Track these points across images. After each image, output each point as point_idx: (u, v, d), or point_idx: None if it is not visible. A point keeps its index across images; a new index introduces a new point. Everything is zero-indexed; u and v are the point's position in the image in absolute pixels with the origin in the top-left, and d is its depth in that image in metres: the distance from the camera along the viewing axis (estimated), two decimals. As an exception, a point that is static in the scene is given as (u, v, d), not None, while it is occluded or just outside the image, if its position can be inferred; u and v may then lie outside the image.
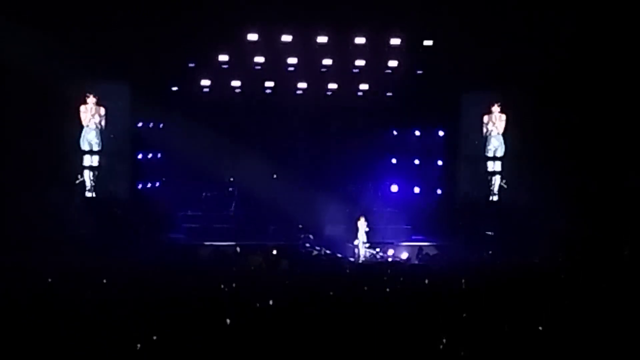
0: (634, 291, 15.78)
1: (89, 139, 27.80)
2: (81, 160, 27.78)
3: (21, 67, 25.27)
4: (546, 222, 26.73)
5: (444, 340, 11.65)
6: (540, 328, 12.48)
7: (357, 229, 27.39)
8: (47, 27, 25.24)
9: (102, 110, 27.77)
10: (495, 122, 29.22)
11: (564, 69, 26.46)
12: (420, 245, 27.40)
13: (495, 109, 29.08)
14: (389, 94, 30.16)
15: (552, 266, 21.07)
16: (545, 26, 26.04)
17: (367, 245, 27.17)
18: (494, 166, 29.51)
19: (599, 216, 26.22)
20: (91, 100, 27.61)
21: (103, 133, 27.81)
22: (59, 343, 11.11)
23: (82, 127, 27.73)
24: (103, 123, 27.79)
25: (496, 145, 29.32)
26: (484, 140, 29.45)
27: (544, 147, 28.50)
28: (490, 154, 29.44)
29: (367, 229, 27.26)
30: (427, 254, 26.31)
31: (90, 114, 27.70)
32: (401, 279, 19.08)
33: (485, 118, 29.33)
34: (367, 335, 11.90)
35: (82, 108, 27.63)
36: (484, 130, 29.34)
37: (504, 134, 29.21)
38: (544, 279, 18.15)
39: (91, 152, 27.84)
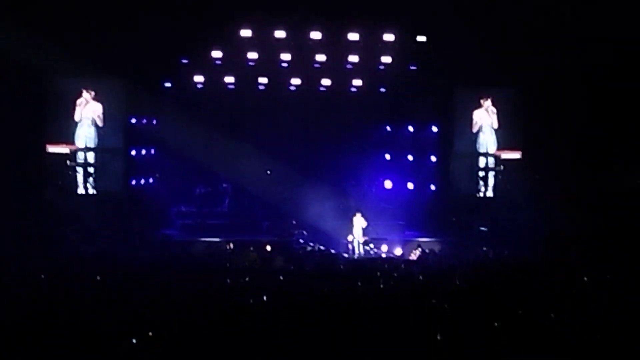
0: (629, 286, 15.81)
1: (80, 134, 27.73)
2: (74, 156, 27.72)
3: (15, 62, 25.23)
4: (539, 218, 26.78)
5: (438, 337, 11.66)
6: (534, 323, 12.50)
7: (352, 225, 27.39)
8: (42, 22, 25.21)
9: (99, 107, 27.70)
10: (489, 117, 29.21)
11: (557, 63, 26.49)
12: (417, 242, 27.43)
13: (487, 103, 29.08)
14: (383, 89, 30.13)
15: (546, 262, 21.08)
16: (538, 21, 26.07)
17: (362, 241, 27.19)
18: (487, 162, 29.51)
19: (592, 211, 26.27)
20: (86, 95, 27.55)
21: (99, 129, 27.75)
22: (53, 339, 11.10)
23: (76, 122, 27.71)
24: (100, 118, 27.71)
25: (490, 140, 29.33)
26: (476, 135, 29.45)
27: (536, 142, 28.55)
28: (482, 150, 29.45)
29: (364, 225, 27.27)
30: (422, 249, 26.29)
31: (82, 109, 27.62)
32: (395, 274, 19.11)
33: (476, 113, 29.32)
34: (361, 331, 11.91)
35: (78, 102, 27.59)
36: (474, 124, 29.34)
37: (496, 130, 29.26)
38: (538, 274, 18.17)
39: (86, 149, 27.78)
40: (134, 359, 10.80)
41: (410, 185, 31.07)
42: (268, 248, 24.93)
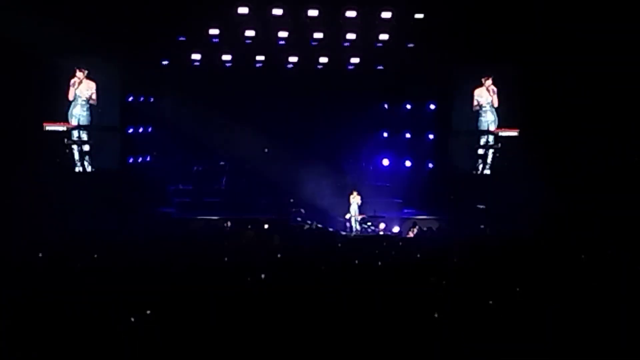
0: (626, 262, 15.84)
1: (75, 113, 27.67)
2: (70, 135, 27.67)
3: (10, 39, 25.10)
4: (537, 196, 26.79)
5: (436, 314, 11.68)
6: (531, 300, 12.52)
7: (349, 203, 27.40)
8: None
9: (93, 85, 27.62)
10: (489, 96, 29.17)
11: (557, 40, 26.43)
12: (413, 219, 27.49)
13: (488, 82, 29.03)
14: (380, 67, 30.06)
15: (543, 239, 21.10)
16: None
17: (359, 219, 27.21)
18: (487, 139, 29.47)
19: (590, 189, 26.29)
20: (79, 74, 27.46)
21: (93, 107, 27.68)
22: (50, 317, 11.10)
23: (70, 102, 27.63)
24: (94, 97, 27.64)
25: (490, 119, 29.29)
26: (476, 114, 29.40)
27: (534, 119, 28.54)
28: (483, 128, 29.41)
29: (359, 203, 27.28)
30: (419, 227, 26.35)
31: (76, 88, 27.53)
32: (393, 252, 19.13)
33: (477, 92, 29.27)
34: (358, 308, 11.91)
35: (71, 82, 27.51)
36: (475, 103, 29.28)
37: (497, 108, 29.24)
38: (535, 252, 18.20)
39: (79, 127, 27.72)
40: (132, 336, 10.80)
41: (407, 163, 31.07)
42: (266, 226, 24.92)
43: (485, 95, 29.25)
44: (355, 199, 27.27)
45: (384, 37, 28.46)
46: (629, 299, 12.37)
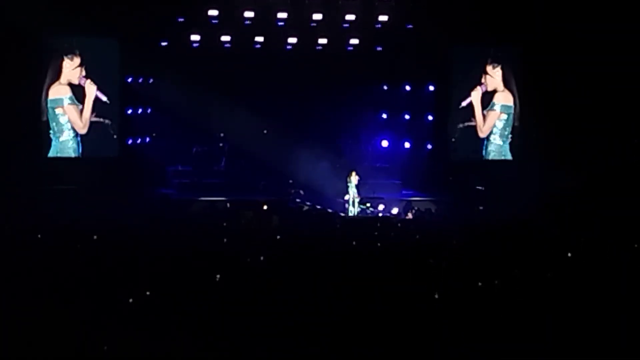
0: (625, 245, 15.86)
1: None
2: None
3: (5, 21, 25.00)
4: (536, 177, 26.83)
5: (436, 295, 11.71)
6: (530, 282, 12.55)
7: (347, 184, 27.40)
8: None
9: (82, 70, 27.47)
10: (494, 79, 29.21)
11: (558, 23, 26.40)
12: (409, 200, 27.51)
13: (490, 68, 29.08)
14: (379, 48, 30.00)
15: (542, 221, 21.12)
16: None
17: (358, 200, 27.22)
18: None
19: (589, 171, 26.31)
20: (67, 62, 27.25)
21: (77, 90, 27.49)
22: (50, 299, 11.12)
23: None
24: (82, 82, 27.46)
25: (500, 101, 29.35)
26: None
27: (536, 102, 28.54)
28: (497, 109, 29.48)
29: (357, 183, 27.26)
30: (418, 209, 26.40)
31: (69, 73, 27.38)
32: (392, 234, 19.14)
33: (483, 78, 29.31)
34: (358, 291, 11.93)
35: (63, 64, 27.35)
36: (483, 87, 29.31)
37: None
38: (534, 234, 18.22)
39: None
40: (131, 318, 10.83)
41: (407, 145, 31.06)
42: (265, 207, 24.92)
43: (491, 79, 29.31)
44: (353, 180, 27.24)
45: (383, 18, 28.42)
46: (627, 281, 12.40)
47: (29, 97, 26.71)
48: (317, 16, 28.11)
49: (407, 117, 31.09)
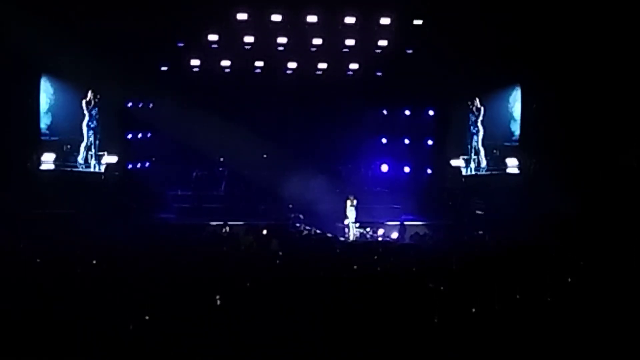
0: (626, 270, 15.83)
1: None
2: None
3: (9, 47, 25.08)
4: (535, 202, 26.80)
5: (436, 320, 11.67)
6: (530, 306, 12.52)
7: (346, 208, 27.39)
8: (38, 6, 25.06)
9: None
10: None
11: (556, 47, 26.45)
12: (405, 225, 27.49)
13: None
14: (379, 73, 30.10)
15: (542, 245, 21.09)
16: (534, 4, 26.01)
17: (357, 224, 27.20)
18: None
19: (588, 194, 26.28)
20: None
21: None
22: (49, 324, 11.10)
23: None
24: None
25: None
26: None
27: (533, 125, 28.55)
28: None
29: (356, 207, 27.23)
30: (417, 233, 26.40)
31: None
32: (391, 258, 19.10)
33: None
34: (357, 314, 11.91)
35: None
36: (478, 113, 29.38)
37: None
38: (534, 258, 18.19)
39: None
40: (130, 343, 10.81)
41: (406, 169, 31.10)
42: (264, 232, 24.91)
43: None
44: (352, 204, 27.23)
45: (383, 43, 28.52)
46: (629, 305, 12.37)
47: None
48: (317, 41, 28.20)
49: (406, 141, 31.15)
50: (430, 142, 30.91)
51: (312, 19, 27.38)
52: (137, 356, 10.25)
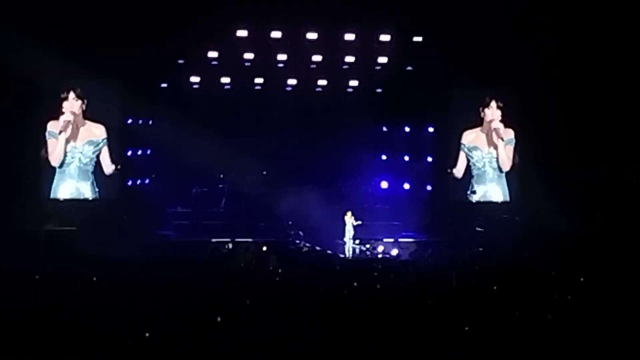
0: (627, 286, 15.78)
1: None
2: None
3: (6, 63, 25.09)
4: (536, 219, 26.77)
5: (435, 335, 11.65)
6: (531, 324, 12.49)
7: (344, 224, 27.31)
8: (35, 22, 25.11)
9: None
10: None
11: (557, 64, 26.50)
12: (399, 242, 27.41)
13: (493, 104, 28.94)
14: (379, 90, 30.11)
15: (542, 263, 21.05)
16: (536, 20, 26.06)
17: (357, 241, 27.12)
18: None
19: (589, 211, 26.26)
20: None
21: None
22: (49, 341, 11.07)
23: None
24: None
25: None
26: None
27: (534, 144, 28.55)
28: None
29: (354, 223, 27.16)
30: (416, 250, 26.33)
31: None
32: (392, 275, 19.06)
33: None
34: (357, 331, 11.88)
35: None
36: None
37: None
38: (535, 275, 18.14)
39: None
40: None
41: (406, 186, 31.05)
42: (264, 249, 24.86)
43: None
44: (349, 220, 27.14)
45: (382, 60, 28.55)
46: (629, 322, 12.35)
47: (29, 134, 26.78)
48: (317, 58, 28.25)
49: (406, 158, 31.12)
50: (430, 159, 30.86)
51: (312, 36, 27.44)
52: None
